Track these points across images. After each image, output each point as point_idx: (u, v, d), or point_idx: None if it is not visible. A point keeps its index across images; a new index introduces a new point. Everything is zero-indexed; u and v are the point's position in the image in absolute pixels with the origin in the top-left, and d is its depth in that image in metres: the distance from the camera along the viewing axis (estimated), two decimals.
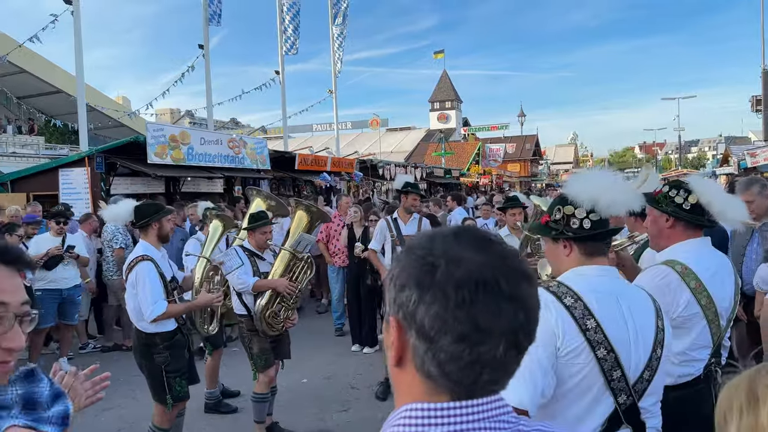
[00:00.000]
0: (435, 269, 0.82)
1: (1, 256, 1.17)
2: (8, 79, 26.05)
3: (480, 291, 0.80)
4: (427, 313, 0.81)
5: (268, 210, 4.97)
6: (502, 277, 0.82)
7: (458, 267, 0.82)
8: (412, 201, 6.09)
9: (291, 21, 22.64)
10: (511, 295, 0.81)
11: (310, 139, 47.27)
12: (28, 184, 11.50)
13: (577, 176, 2.06)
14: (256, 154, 13.96)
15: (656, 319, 1.85)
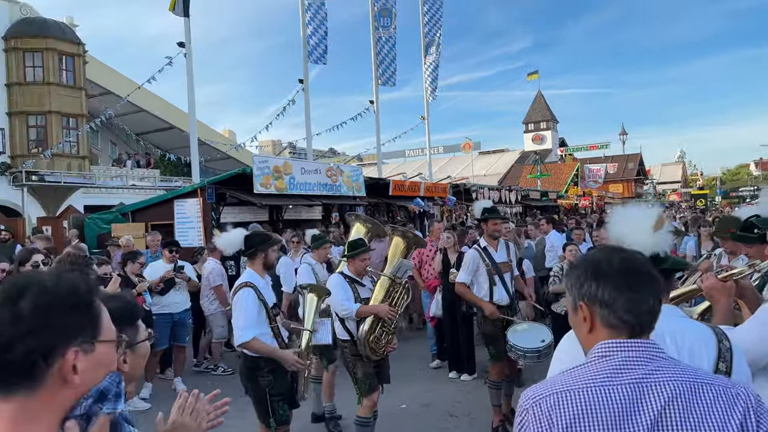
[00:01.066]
0: (600, 266, 1.48)
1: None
2: (128, 117, 28.54)
3: (630, 272, 1.45)
4: (605, 291, 1.45)
5: (366, 231, 5.12)
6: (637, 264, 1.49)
7: (611, 263, 1.47)
8: (493, 226, 5.81)
9: (387, 54, 23.27)
10: (643, 272, 1.47)
11: (403, 164, 47.85)
12: (147, 215, 12.50)
13: (614, 211, 2.02)
14: (352, 182, 14.38)
15: (716, 363, 1.72)
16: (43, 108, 22.94)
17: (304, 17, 18.68)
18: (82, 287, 1.17)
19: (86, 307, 1.16)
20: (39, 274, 1.18)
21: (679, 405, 1.33)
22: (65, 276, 1.17)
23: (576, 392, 1.37)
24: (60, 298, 1.12)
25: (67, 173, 23.14)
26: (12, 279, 1.18)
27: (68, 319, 1.12)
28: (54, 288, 1.12)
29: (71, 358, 1.10)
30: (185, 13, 15.65)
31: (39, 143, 22.82)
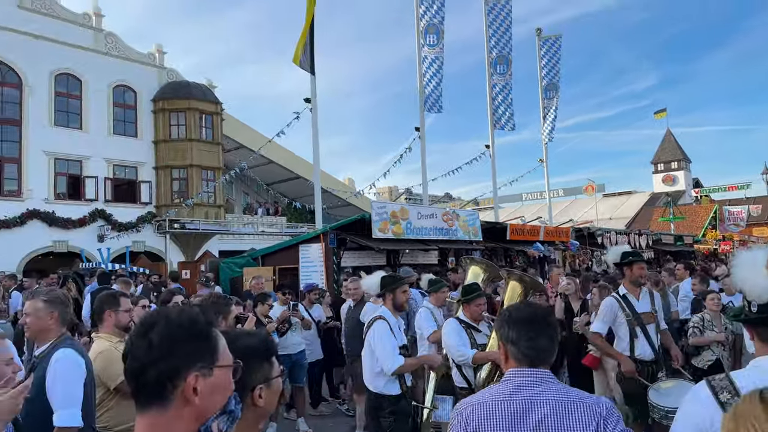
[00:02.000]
0: (512, 315, 2.10)
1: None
2: (259, 168, 30.62)
3: (531, 321, 2.05)
4: (513, 333, 2.04)
5: (482, 274, 5.05)
6: (538, 314, 2.08)
7: (520, 313, 2.09)
8: (638, 271, 5.30)
9: (504, 99, 23.29)
10: (541, 320, 2.05)
11: (520, 208, 46.87)
12: (274, 259, 13.22)
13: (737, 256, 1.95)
14: (468, 226, 14.30)
15: None
16: (185, 162, 25.29)
17: (420, 68, 19.23)
18: (201, 320, 1.33)
19: (205, 337, 1.32)
20: (166, 309, 1.36)
21: (556, 415, 1.93)
22: (187, 311, 1.35)
23: (485, 404, 2.01)
24: (182, 329, 1.28)
25: (205, 221, 25.14)
26: (145, 314, 1.38)
27: (189, 346, 1.28)
28: (177, 320, 1.29)
29: (192, 381, 1.25)
30: (311, 71, 16.70)
31: (181, 194, 25.09)
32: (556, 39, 27.82)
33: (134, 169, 24.91)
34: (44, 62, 22.02)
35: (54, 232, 21.70)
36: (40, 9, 22.27)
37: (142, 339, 1.26)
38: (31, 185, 21.47)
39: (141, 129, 25.16)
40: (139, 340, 1.26)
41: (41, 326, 3.32)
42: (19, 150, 21.49)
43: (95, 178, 23.30)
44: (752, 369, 1.77)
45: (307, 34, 15.74)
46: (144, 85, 25.39)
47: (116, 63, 24.53)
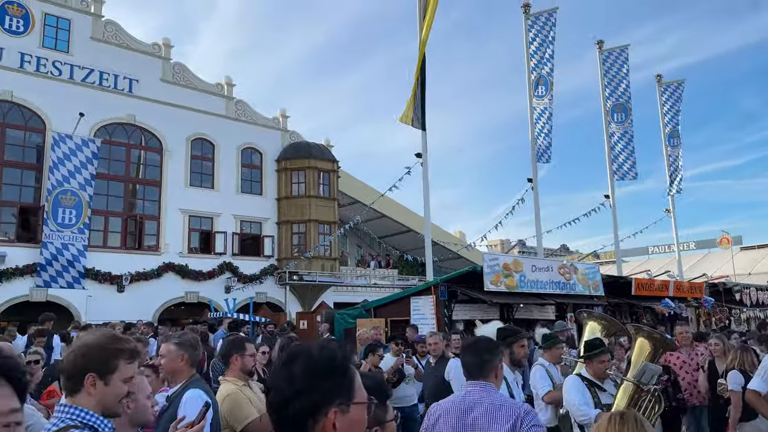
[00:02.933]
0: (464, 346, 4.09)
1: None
2: (372, 222, 31.39)
3: (469, 347, 3.45)
4: (464, 357, 3.39)
5: (602, 330, 4.78)
6: (478, 342, 3.44)
7: (467, 342, 4.14)
8: None
9: (623, 148, 22.44)
10: (476, 345, 3.35)
11: (646, 262, 43.94)
12: (386, 311, 13.32)
13: None
14: (588, 280, 13.63)
15: None
16: (304, 217, 26.55)
17: (532, 119, 19.08)
18: (339, 355, 1.36)
19: (342, 373, 1.34)
20: (307, 345, 1.40)
21: (487, 414, 2.87)
22: (326, 346, 1.38)
23: (444, 404, 3.08)
24: (322, 365, 1.31)
25: (321, 273, 26.02)
26: (288, 349, 1.43)
27: (329, 382, 1.30)
28: (317, 356, 1.33)
29: (332, 417, 1.27)
30: (422, 127, 17.10)
31: (300, 247, 26.23)
32: (678, 85, 26.59)
33: (259, 225, 26.50)
34: (182, 128, 24.39)
35: (186, 284, 23.41)
36: (179, 81, 24.87)
37: (284, 373, 1.31)
38: (167, 240, 23.45)
39: (265, 187, 26.88)
40: (281, 374, 1.31)
41: (173, 367, 3.58)
42: (159, 208, 23.68)
43: (224, 233, 25.04)
44: None
45: (417, 91, 16.21)
46: (269, 146, 27.27)
47: (245, 127, 26.64)
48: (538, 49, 19.07)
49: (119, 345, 2.21)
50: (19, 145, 21.02)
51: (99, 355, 2.15)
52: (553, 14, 19.07)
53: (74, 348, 2.21)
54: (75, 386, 2.12)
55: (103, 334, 2.25)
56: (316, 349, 1.35)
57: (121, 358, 2.18)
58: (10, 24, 20.88)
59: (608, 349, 4.69)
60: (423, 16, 15.74)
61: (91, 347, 2.17)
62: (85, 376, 2.10)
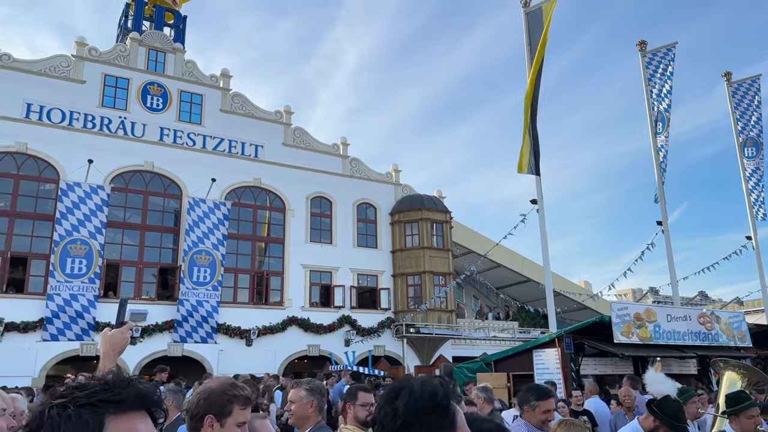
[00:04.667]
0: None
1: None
2: (488, 273, 30.82)
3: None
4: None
5: (741, 379, 4.26)
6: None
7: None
8: None
9: (756, 184, 20.63)
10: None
11: None
12: (507, 364, 12.84)
13: None
14: (733, 329, 12.35)
15: None
16: (418, 269, 26.64)
17: (657, 159, 18.09)
18: (440, 392, 1.37)
19: (444, 409, 1.35)
20: (410, 380, 1.41)
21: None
22: (428, 382, 1.40)
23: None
24: (424, 400, 1.33)
25: (437, 325, 25.75)
26: (392, 385, 1.46)
27: (431, 417, 1.31)
28: (420, 392, 1.35)
29: None
30: (536, 173, 16.78)
31: (415, 300, 26.24)
32: None
33: (375, 278, 26.94)
34: (302, 188, 25.75)
35: (308, 337, 24.13)
36: (299, 144, 26.44)
37: (388, 407, 1.34)
38: (290, 295, 24.45)
39: (380, 240, 27.43)
40: (386, 408, 1.35)
41: (302, 413, 3.66)
42: (282, 264, 24.86)
43: (342, 286, 25.70)
44: None
45: (529, 138, 16.01)
46: (383, 200, 27.97)
47: (360, 183, 27.60)
48: (656, 84, 18.23)
49: (235, 392, 2.42)
50: (159, 211, 23.19)
51: (218, 399, 2.36)
52: (671, 49, 18.23)
53: (199, 391, 2.47)
54: (196, 426, 2.34)
55: (224, 381, 2.48)
56: (418, 385, 1.37)
57: (236, 403, 2.38)
58: (151, 102, 23.48)
59: (756, 403, 4.17)
60: (531, 63, 15.70)
61: (213, 392, 2.40)
62: (205, 418, 2.31)
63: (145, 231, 22.66)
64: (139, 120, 23.01)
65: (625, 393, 8.33)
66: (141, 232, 22.57)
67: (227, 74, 25.56)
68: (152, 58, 24.04)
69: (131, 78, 23.30)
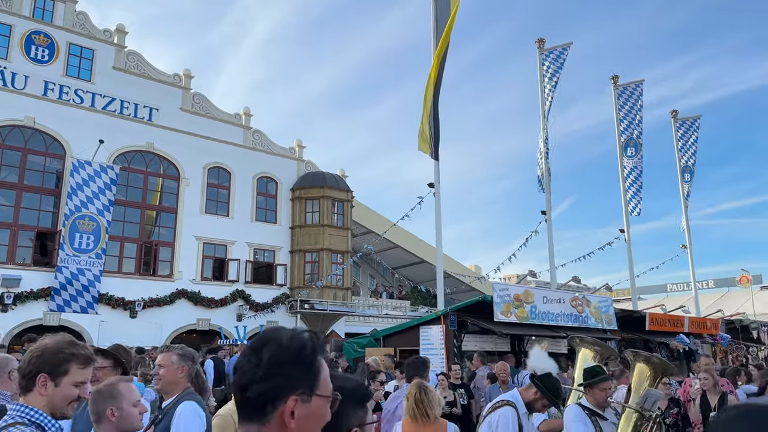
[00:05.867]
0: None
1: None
2: (385, 253, 31.39)
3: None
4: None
5: (595, 356, 4.70)
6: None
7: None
8: None
9: (632, 183, 22.44)
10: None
11: (664, 299, 43.22)
12: (395, 340, 13.22)
13: None
14: (601, 314, 13.43)
15: None
16: (317, 246, 26.63)
17: (544, 154, 19.14)
18: (308, 346, 1.36)
19: (309, 364, 1.35)
20: (279, 331, 1.40)
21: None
22: (298, 335, 1.38)
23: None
24: (290, 353, 1.33)
25: (333, 302, 25.95)
26: (261, 334, 1.44)
27: (294, 371, 1.32)
28: (287, 344, 1.34)
29: (291, 405, 1.29)
30: (435, 157, 17.22)
31: (313, 276, 26.24)
32: (694, 120, 26.55)
33: (272, 253, 26.61)
34: (200, 157, 24.80)
35: (198, 311, 23.47)
36: (198, 111, 25.40)
37: (253, 356, 1.32)
38: (181, 267, 23.61)
39: (280, 215, 27.08)
40: (250, 357, 1.33)
41: (171, 378, 3.59)
42: (173, 235, 23.92)
43: (237, 261, 25.17)
44: None
45: (430, 121, 16.36)
46: (284, 175, 27.58)
47: (261, 156, 27.01)
48: (550, 80, 19.22)
49: (74, 350, 2.28)
50: (39, 171, 21.47)
51: (53, 357, 2.22)
52: (566, 49, 19.29)
53: (32, 349, 2.28)
54: (28, 385, 2.21)
55: (61, 339, 2.34)
56: (287, 336, 1.36)
57: (74, 362, 2.26)
58: (36, 53, 21.57)
59: (610, 377, 4.61)
60: (436, 46, 16.01)
61: (47, 349, 2.25)
62: (37, 377, 2.19)
63: (22, 191, 20.94)
64: (20, 71, 21.08)
65: (501, 368, 8.90)
66: (17, 192, 20.83)
67: (123, 30, 23.96)
68: (39, 5, 22.03)
69: (14, 25, 21.26)
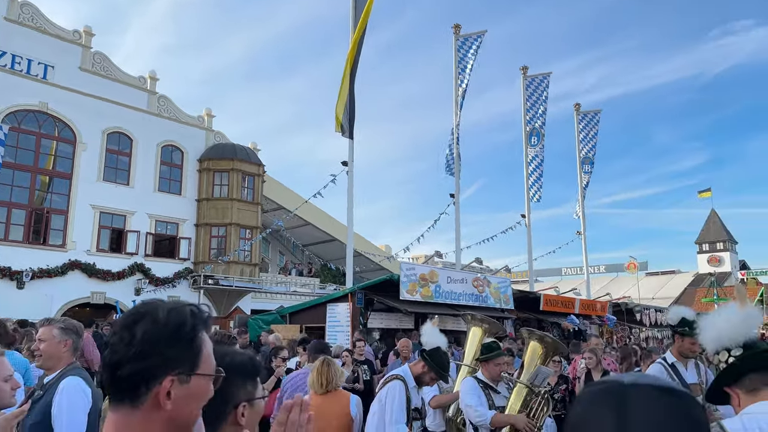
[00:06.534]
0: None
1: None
2: (296, 230, 31.09)
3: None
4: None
5: (484, 333, 4.93)
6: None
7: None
8: (689, 346, 5.08)
9: (533, 171, 23.47)
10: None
11: (559, 282, 45.92)
12: (302, 317, 13.18)
13: (703, 320, 2.02)
14: (500, 294, 14.04)
15: None
16: (224, 220, 25.90)
17: (455, 138, 19.59)
18: (188, 322, 1.25)
19: (188, 342, 1.24)
20: (156, 305, 1.28)
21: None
22: (176, 310, 1.26)
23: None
24: (167, 330, 1.22)
25: (239, 278, 25.41)
26: (134, 307, 1.30)
27: (171, 350, 1.21)
28: (164, 320, 1.22)
29: (167, 385, 1.18)
30: (350, 136, 17.16)
31: (219, 252, 25.54)
32: (594, 114, 28.06)
33: (175, 226, 25.60)
34: (98, 120, 23.27)
35: (92, 284, 22.23)
36: (99, 71, 23.77)
37: (125, 332, 1.21)
38: (75, 237, 22.21)
39: (185, 187, 26.03)
40: (122, 333, 1.21)
41: (53, 352, 3.35)
42: (67, 202, 22.41)
43: (137, 232, 24.00)
44: (742, 416, 1.77)
45: (346, 100, 16.27)
46: (192, 145, 26.47)
47: (167, 124, 25.75)
48: (466, 66, 19.62)
49: None
50: None
51: None
52: (481, 36, 19.73)
53: None
54: None
55: None
56: (164, 312, 1.24)
57: None
58: None
59: (505, 353, 4.82)
60: (355, 27, 15.87)
61: None
62: None
63: None
64: None
65: (403, 344, 9.08)
66: None
67: None
68: None
69: None
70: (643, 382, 0.82)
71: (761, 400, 1.76)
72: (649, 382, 0.83)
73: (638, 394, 0.80)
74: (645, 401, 0.78)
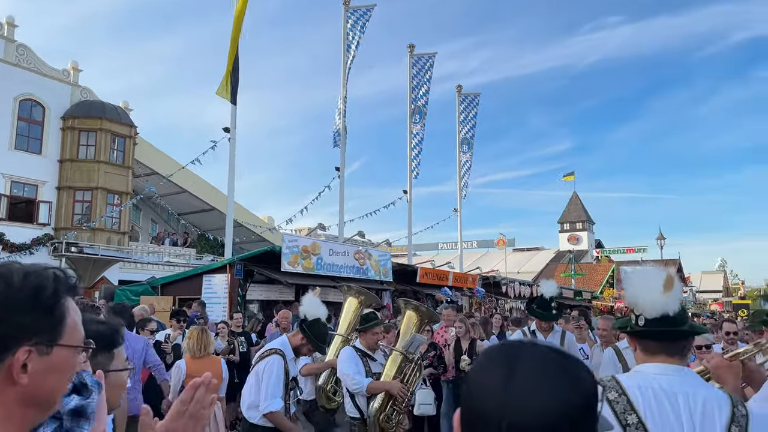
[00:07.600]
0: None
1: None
2: (171, 198, 29.60)
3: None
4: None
5: (359, 305, 5.10)
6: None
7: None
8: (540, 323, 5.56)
9: (414, 147, 24.14)
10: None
11: (435, 257, 47.82)
12: (176, 288, 12.68)
13: (630, 274, 2.07)
14: (380, 266, 14.40)
15: (728, 426, 1.75)
16: (90, 184, 24.07)
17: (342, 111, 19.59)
18: (48, 287, 1.11)
19: (48, 309, 1.11)
20: (12, 267, 1.13)
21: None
22: (35, 273, 1.12)
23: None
24: (23, 295, 1.08)
25: (106, 247, 23.82)
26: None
27: (27, 317, 1.07)
28: (19, 284, 1.08)
29: (22, 357, 1.05)
30: (233, 101, 16.57)
31: (84, 218, 23.74)
32: (474, 96, 29.24)
33: (34, 188, 23.42)
34: None
35: None
36: None
37: None
38: None
39: (46, 146, 23.81)
40: None
41: None
42: None
43: None
44: (635, 372, 1.93)
45: (233, 63, 15.69)
46: (54, 101, 24.17)
47: (27, 75, 23.28)
48: (354, 38, 19.59)
49: None
50: None
51: None
52: (370, 10, 19.76)
53: None
54: None
55: None
56: (20, 276, 1.09)
57: None
58: None
59: (382, 322, 4.99)
60: None
61: None
62: None
63: None
64: None
65: (283, 315, 9.10)
66: None
67: None
68: None
69: None
70: (535, 342, 0.95)
71: (658, 363, 1.88)
72: (539, 343, 0.95)
73: (527, 351, 0.92)
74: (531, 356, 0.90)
